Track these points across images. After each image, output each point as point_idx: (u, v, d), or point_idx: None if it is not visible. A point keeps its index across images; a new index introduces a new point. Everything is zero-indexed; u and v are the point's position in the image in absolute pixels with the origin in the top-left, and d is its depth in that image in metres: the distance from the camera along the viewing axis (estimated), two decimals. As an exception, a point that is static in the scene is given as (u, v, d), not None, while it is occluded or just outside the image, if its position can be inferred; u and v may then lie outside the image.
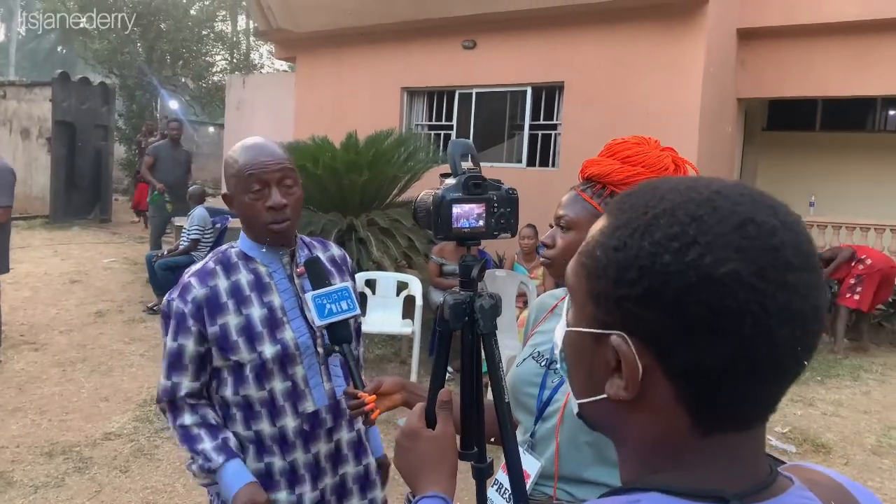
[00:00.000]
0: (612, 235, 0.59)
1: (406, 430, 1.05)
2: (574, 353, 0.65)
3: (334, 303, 1.54)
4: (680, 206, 0.56)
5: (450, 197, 1.11)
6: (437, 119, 8.91)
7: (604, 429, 0.66)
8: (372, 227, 5.99)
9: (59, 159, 11.66)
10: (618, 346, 0.57)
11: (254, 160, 1.56)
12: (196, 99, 18.36)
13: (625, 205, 0.60)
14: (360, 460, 1.73)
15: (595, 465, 1.33)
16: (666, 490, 0.57)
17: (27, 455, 3.77)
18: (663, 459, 0.59)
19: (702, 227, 0.54)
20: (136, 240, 10.55)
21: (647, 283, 0.54)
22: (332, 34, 9.00)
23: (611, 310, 0.58)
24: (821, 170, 9.38)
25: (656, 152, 1.35)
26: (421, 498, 0.96)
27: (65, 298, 7.07)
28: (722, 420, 0.57)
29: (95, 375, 5.04)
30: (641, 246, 0.55)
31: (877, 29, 7.26)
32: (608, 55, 7.42)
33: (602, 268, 0.58)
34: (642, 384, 0.57)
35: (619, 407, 0.60)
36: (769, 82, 8.01)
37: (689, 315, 0.53)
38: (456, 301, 1.15)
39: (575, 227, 1.37)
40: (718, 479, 0.57)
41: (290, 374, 1.59)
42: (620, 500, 0.58)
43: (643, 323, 0.55)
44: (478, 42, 8.29)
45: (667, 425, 0.58)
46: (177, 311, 1.59)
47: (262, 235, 1.62)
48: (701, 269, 0.53)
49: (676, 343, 0.54)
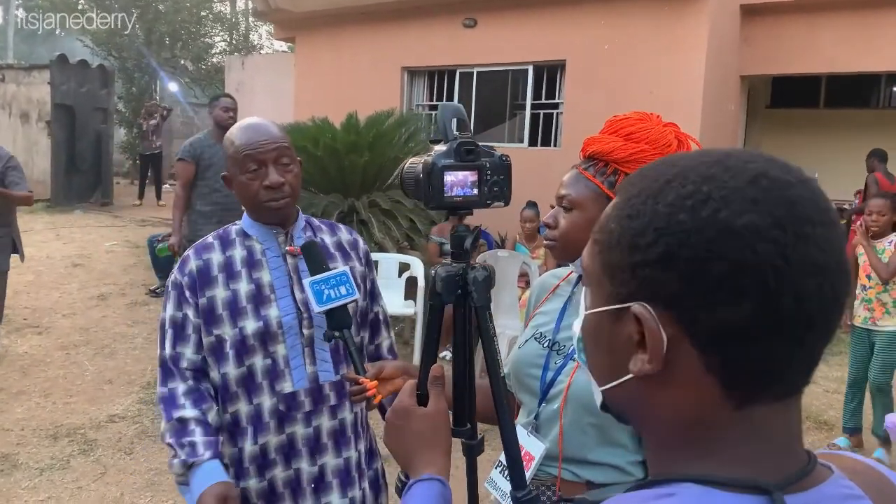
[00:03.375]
0: (625, 206, 0.57)
1: (397, 407, 1.01)
2: (594, 338, 0.62)
3: (332, 288, 1.52)
4: (691, 168, 0.55)
5: (441, 164, 1.07)
6: (437, 99, 8.84)
7: (631, 415, 0.62)
8: (373, 208, 5.96)
9: (59, 143, 11.61)
10: (639, 314, 0.54)
11: (250, 140, 1.58)
12: (195, 81, 18.23)
13: (636, 178, 0.59)
14: (340, 452, 1.65)
15: (599, 447, 1.33)
16: (702, 480, 0.53)
17: (32, 437, 3.79)
18: (696, 441, 0.56)
19: (715, 183, 0.53)
20: (137, 223, 10.54)
21: (665, 245, 0.53)
22: (332, 14, 8.91)
23: (627, 280, 0.56)
24: (825, 147, 9.31)
25: (659, 128, 1.33)
26: (416, 482, 0.93)
27: (67, 282, 7.08)
28: (753, 389, 0.54)
29: (99, 358, 5.05)
30: (655, 210, 0.54)
31: (883, 4, 7.16)
32: (610, 33, 7.33)
33: (616, 238, 0.57)
34: (668, 356, 0.54)
35: (645, 386, 0.57)
36: (773, 59, 7.91)
37: (709, 272, 0.51)
38: (448, 273, 1.12)
39: (578, 207, 1.35)
40: (755, 464, 0.54)
41: (270, 352, 1.58)
42: (653, 493, 0.55)
43: (663, 287, 0.53)
44: (478, 20, 8.20)
45: (697, 399, 0.55)
46: (175, 282, 1.62)
47: (260, 214, 1.63)
48: (718, 224, 0.51)
49: (699, 305, 0.52)
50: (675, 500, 0.53)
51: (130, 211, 11.68)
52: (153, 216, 11.05)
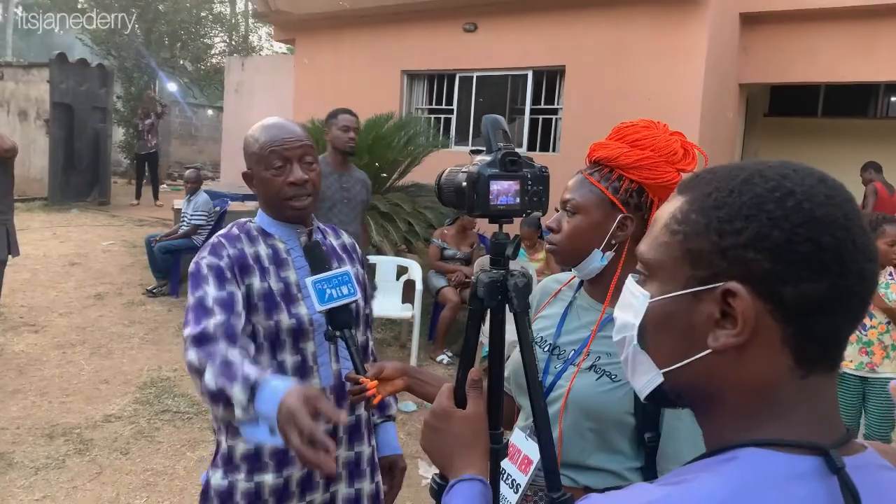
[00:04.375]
0: (705, 200, 0.64)
1: (437, 410, 1.03)
2: (663, 322, 0.68)
3: (334, 287, 1.53)
4: (763, 170, 0.64)
5: (488, 173, 1.10)
6: (437, 103, 8.86)
7: (692, 392, 0.67)
8: (372, 211, 5.96)
9: (57, 141, 11.58)
10: (735, 290, 0.61)
11: (276, 137, 1.58)
12: (194, 81, 18.23)
13: (700, 179, 0.67)
14: (352, 445, 1.69)
15: (598, 452, 1.33)
16: (761, 443, 0.60)
17: (27, 436, 3.77)
18: (760, 409, 0.63)
19: (793, 181, 0.62)
20: (134, 222, 10.52)
21: (756, 229, 0.60)
22: (332, 16, 8.93)
23: (714, 262, 0.62)
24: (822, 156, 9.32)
25: (665, 136, 1.33)
26: (458, 481, 0.94)
27: (64, 281, 7.06)
28: (817, 358, 0.62)
29: (95, 358, 5.04)
30: (743, 201, 0.62)
31: (881, 14, 7.21)
32: (610, 39, 7.36)
33: (703, 226, 0.63)
34: (752, 329, 0.61)
35: (720, 361, 0.63)
36: (772, 68, 7.96)
37: (797, 251, 0.59)
38: (491, 279, 1.14)
39: (582, 211, 1.36)
40: (810, 429, 0.61)
41: (300, 349, 1.58)
42: (716, 460, 0.61)
43: (753, 266, 0.60)
44: (479, 25, 8.23)
45: (771, 368, 0.62)
46: (213, 264, 1.53)
47: (282, 211, 1.62)
48: (803, 213, 0.60)
49: (785, 280, 0.60)
50: (736, 463, 0.59)
51: (128, 210, 11.66)
52: (150, 216, 11.03)
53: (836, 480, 0.56)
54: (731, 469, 0.59)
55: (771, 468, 0.58)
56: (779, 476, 0.57)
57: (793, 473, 0.57)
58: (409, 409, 4.41)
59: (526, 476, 1.35)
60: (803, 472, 0.58)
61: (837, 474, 0.56)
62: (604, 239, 1.34)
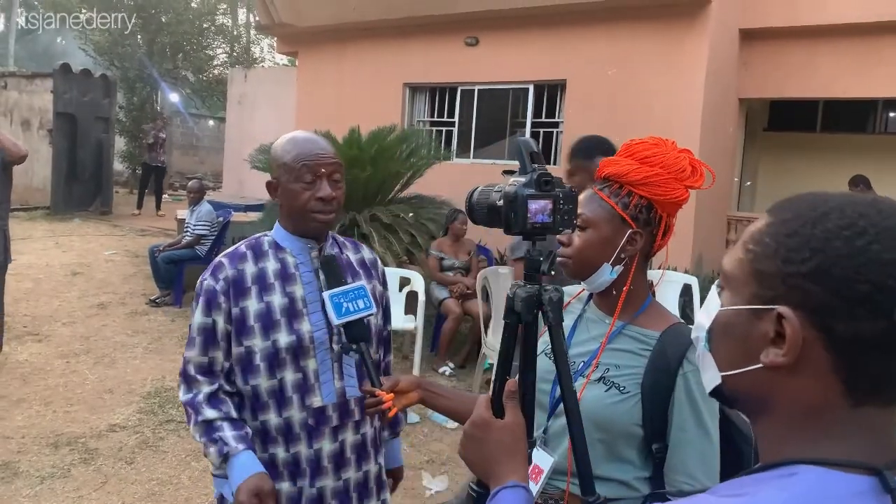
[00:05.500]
0: (781, 226, 0.68)
1: (477, 420, 1.05)
2: (727, 330, 0.73)
3: (351, 301, 1.57)
4: (847, 205, 0.66)
5: (525, 193, 1.15)
6: (438, 115, 8.93)
7: (749, 401, 0.72)
8: (374, 222, 6.00)
9: (60, 151, 11.64)
10: (786, 315, 0.64)
11: (309, 152, 1.61)
12: (196, 92, 18.33)
13: (790, 205, 0.70)
14: (360, 466, 1.71)
15: (607, 462, 1.36)
16: (818, 461, 0.62)
17: (32, 446, 3.79)
18: (813, 429, 0.66)
19: (870, 220, 0.63)
20: (137, 232, 10.55)
21: (818, 262, 0.63)
22: (335, 29, 9.01)
23: (775, 285, 0.66)
24: (821, 171, 9.40)
25: (674, 153, 1.37)
26: (502, 489, 0.96)
27: (67, 290, 7.08)
28: (870, 392, 0.64)
29: (99, 367, 5.06)
30: (813, 233, 0.65)
31: (879, 31, 7.28)
32: (611, 54, 7.43)
33: (772, 251, 0.67)
34: (801, 353, 0.64)
35: (771, 376, 0.67)
36: (771, 83, 8.03)
37: (855, 291, 0.61)
38: (528, 294, 1.18)
39: (592, 226, 1.39)
40: (866, 450, 0.63)
41: (301, 366, 1.61)
42: (776, 474, 0.64)
43: (809, 296, 0.63)
44: (480, 39, 8.30)
45: (821, 393, 0.65)
46: (209, 288, 1.62)
47: (304, 224, 1.64)
48: (870, 254, 0.62)
49: (838, 316, 0.62)
50: (796, 479, 0.62)
51: (130, 220, 11.69)
52: (153, 226, 11.06)
53: (890, 499, 0.59)
54: (792, 484, 0.62)
55: (831, 485, 0.61)
56: (838, 493, 0.60)
57: (851, 491, 0.60)
58: (413, 420, 4.43)
59: (537, 485, 1.37)
60: (860, 491, 0.61)
61: (891, 494, 0.59)
62: (613, 253, 1.38)
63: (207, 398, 1.60)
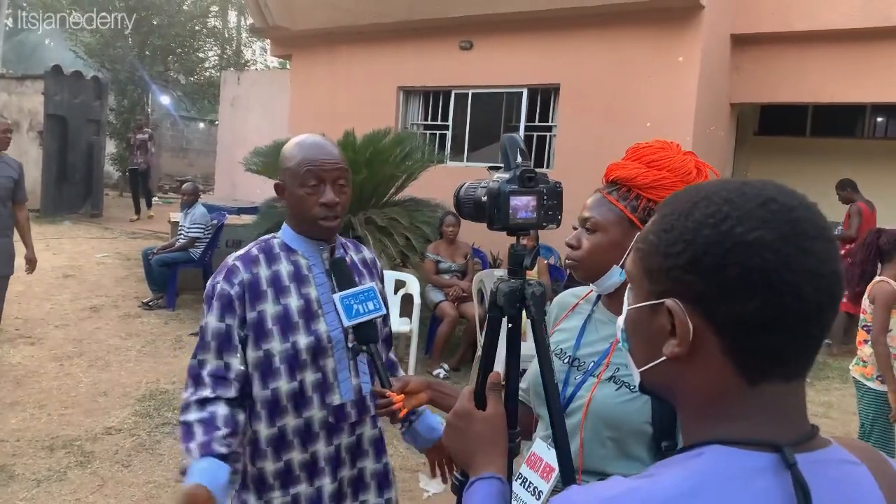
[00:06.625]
0: (661, 222, 0.71)
1: (459, 410, 1.08)
2: (634, 328, 0.76)
3: (361, 303, 1.58)
4: (715, 192, 0.68)
5: (507, 189, 1.16)
6: (432, 119, 8.94)
7: (664, 392, 0.75)
8: (369, 225, 6.01)
9: (50, 153, 11.58)
10: (672, 308, 0.67)
11: (314, 157, 1.61)
12: (187, 94, 18.27)
13: (671, 200, 0.73)
14: (379, 458, 1.75)
15: (617, 460, 1.37)
16: (724, 441, 0.65)
17: (28, 449, 3.77)
18: (718, 410, 0.68)
19: (733, 205, 0.66)
20: (128, 235, 10.51)
21: (691, 253, 0.66)
22: (329, 32, 9.01)
23: (661, 280, 0.69)
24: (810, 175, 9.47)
25: (680, 157, 1.39)
26: (477, 479, 0.99)
27: (58, 293, 7.04)
28: (762, 369, 0.66)
29: (93, 370, 5.03)
30: (685, 225, 0.67)
31: (869, 37, 7.37)
32: (604, 58, 7.48)
33: (654, 247, 0.70)
34: (693, 342, 0.67)
35: (675, 366, 0.70)
36: (762, 88, 8.11)
37: (727, 276, 0.64)
38: (511, 288, 1.19)
39: (601, 229, 1.41)
40: (769, 428, 0.66)
41: (321, 366, 1.62)
42: (685, 456, 0.67)
43: (689, 286, 0.66)
44: (475, 43, 8.33)
45: (716, 376, 0.67)
46: (222, 292, 1.60)
47: (310, 228, 1.66)
48: (734, 237, 0.64)
49: (717, 300, 0.65)
50: (702, 458, 0.64)
51: (121, 223, 11.64)
52: (144, 229, 11.02)
53: (790, 475, 0.61)
54: (695, 463, 0.64)
55: (731, 463, 0.63)
56: (737, 470, 0.62)
57: (751, 468, 0.62)
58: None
59: (548, 483, 1.39)
60: (760, 468, 0.62)
61: (790, 470, 0.61)
62: (622, 255, 1.40)
63: (199, 401, 1.58)
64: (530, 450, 1.47)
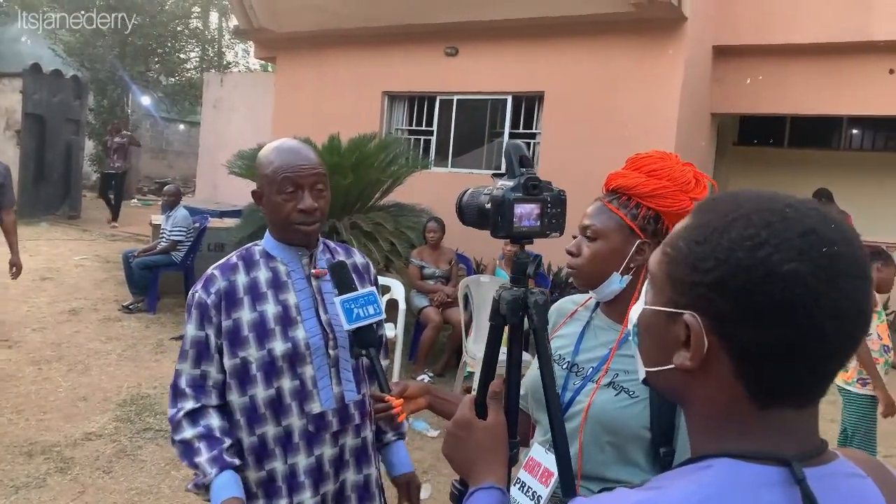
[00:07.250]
0: (694, 231, 0.69)
1: (459, 419, 1.07)
2: (648, 328, 0.75)
3: (361, 307, 1.57)
4: (756, 212, 0.66)
5: (512, 197, 1.15)
6: (417, 124, 8.96)
7: (671, 395, 0.75)
8: (355, 230, 5.99)
9: (27, 153, 11.40)
10: (690, 323, 0.67)
11: (290, 163, 1.59)
12: (168, 95, 18.10)
13: (707, 207, 0.71)
14: (360, 469, 1.70)
15: (616, 465, 1.39)
16: (733, 454, 0.65)
17: (5, 454, 3.69)
18: (727, 427, 0.68)
19: (773, 231, 0.64)
20: (107, 237, 10.37)
21: (720, 273, 0.64)
22: (314, 35, 8.99)
23: (684, 292, 0.68)
24: (789, 185, 9.63)
25: (679, 167, 1.42)
26: (477, 489, 0.98)
27: (35, 295, 6.92)
28: (774, 396, 0.66)
29: (72, 374, 4.95)
30: (719, 242, 0.65)
31: (845, 51, 7.54)
32: (588, 67, 7.55)
33: (683, 256, 0.68)
34: (705, 358, 0.66)
35: (683, 377, 0.69)
36: (743, 99, 8.25)
37: (753, 302, 0.63)
38: (514, 297, 1.19)
39: (601, 237, 1.43)
40: (778, 443, 0.66)
41: (298, 373, 1.60)
42: (694, 467, 0.66)
43: (712, 305, 0.65)
44: (460, 49, 8.37)
45: (726, 394, 0.67)
46: (200, 301, 1.61)
47: (289, 235, 1.64)
48: (769, 266, 0.62)
49: (738, 325, 0.64)
50: (712, 471, 0.64)
51: (99, 225, 11.48)
52: (123, 231, 10.88)
53: (799, 490, 0.61)
54: (703, 476, 0.64)
55: (740, 476, 0.63)
56: (747, 484, 0.62)
57: (760, 482, 0.62)
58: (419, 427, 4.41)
59: (547, 488, 1.40)
60: (770, 482, 0.62)
61: (799, 484, 0.61)
62: (622, 263, 1.41)
63: (188, 415, 1.58)
64: (528, 455, 1.47)
